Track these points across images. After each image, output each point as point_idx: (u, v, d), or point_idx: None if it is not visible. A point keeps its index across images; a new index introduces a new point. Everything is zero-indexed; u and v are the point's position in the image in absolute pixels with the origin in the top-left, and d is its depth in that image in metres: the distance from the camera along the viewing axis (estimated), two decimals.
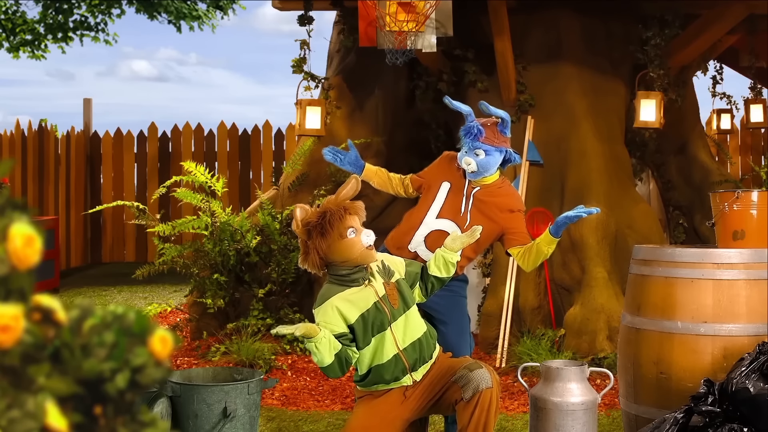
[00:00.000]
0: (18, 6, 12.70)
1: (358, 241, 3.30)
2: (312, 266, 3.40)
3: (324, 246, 3.30)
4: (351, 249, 3.30)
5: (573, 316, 5.98)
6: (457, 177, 3.91)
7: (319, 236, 3.30)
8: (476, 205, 3.83)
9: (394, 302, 3.38)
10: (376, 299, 3.36)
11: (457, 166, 3.92)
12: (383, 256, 3.52)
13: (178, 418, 3.99)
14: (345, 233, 3.29)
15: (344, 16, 7.23)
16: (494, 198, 3.85)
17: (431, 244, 3.75)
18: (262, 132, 11.83)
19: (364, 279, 3.37)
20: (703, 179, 7.55)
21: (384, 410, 3.41)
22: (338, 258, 3.32)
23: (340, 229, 3.28)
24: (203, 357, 6.06)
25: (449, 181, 3.90)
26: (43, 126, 10.88)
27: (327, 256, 3.33)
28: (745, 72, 8.41)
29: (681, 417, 3.35)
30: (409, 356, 3.38)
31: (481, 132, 3.82)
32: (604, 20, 7.06)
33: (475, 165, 3.80)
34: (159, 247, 6.48)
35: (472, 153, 3.80)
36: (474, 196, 3.85)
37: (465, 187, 3.87)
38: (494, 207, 3.84)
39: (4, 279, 1.04)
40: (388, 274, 3.44)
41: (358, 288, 3.36)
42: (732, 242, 4.09)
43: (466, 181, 3.89)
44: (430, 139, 7.20)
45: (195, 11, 12.65)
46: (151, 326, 1.11)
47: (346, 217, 3.31)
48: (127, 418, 1.10)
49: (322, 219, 3.29)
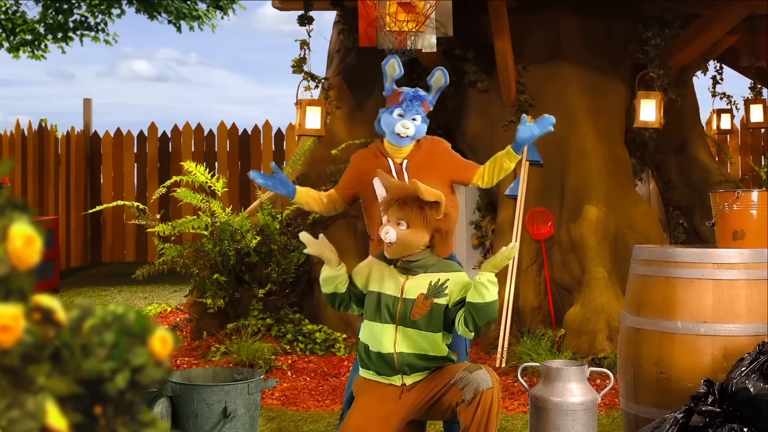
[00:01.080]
0: (18, 6, 12.71)
1: (381, 230, 3.40)
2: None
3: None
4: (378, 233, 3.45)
5: (573, 316, 5.98)
6: (380, 165, 3.88)
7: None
8: (411, 177, 3.83)
9: (416, 315, 3.36)
10: (396, 294, 3.38)
11: (375, 155, 3.94)
12: (458, 281, 3.38)
13: (178, 418, 3.99)
14: (383, 216, 3.42)
15: (344, 16, 7.23)
16: (426, 155, 3.88)
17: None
18: (262, 132, 11.84)
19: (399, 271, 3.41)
20: (703, 179, 7.55)
21: (379, 408, 3.41)
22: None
23: (382, 210, 3.42)
24: (203, 357, 6.06)
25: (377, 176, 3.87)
26: (43, 126, 10.88)
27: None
28: (745, 72, 8.41)
29: (681, 417, 3.35)
30: (402, 361, 3.38)
31: (426, 98, 3.88)
32: (604, 20, 7.06)
33: (413, 129, 3.82)
34: (159, 247, 6.48)
35: (410, 118, 3.82)
36: (406, 169, 3.87)
37: (393, 168, 3.88)
38: (430, 162, 3.87)
39: (4, 279, 1.04)
40: (435, 293, 3.37)
41: (395, 272, 3.42)
42: (732, 242, 4.09)
43: (389, 163, 3.89)
44: None
45: (195, 11, 12.65)
46: (151, 326, 1.11)
47: (391, 207, 3.38)
48: (127, 418, 1.10)
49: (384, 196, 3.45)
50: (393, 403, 3.42)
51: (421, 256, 3.39)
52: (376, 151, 3.98)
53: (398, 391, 3.42)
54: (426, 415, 3.52)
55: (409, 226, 3.33)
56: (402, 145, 3.88)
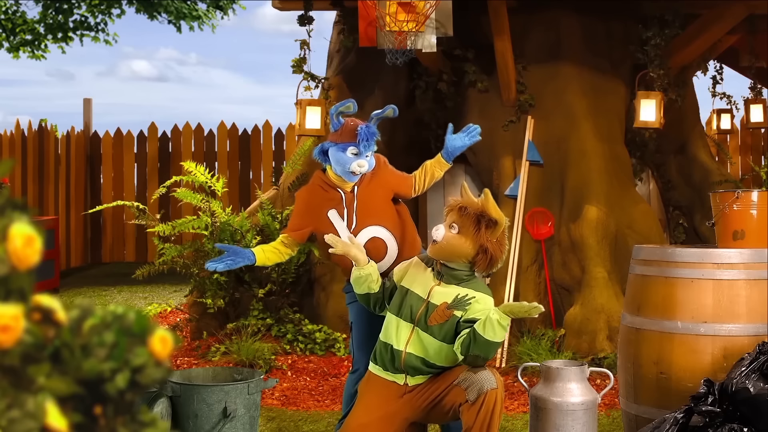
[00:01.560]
0: (18, 6, 12.71)
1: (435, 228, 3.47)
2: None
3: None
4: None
5: (573, 316, 5.98)
6: (330, 198, 3.87)
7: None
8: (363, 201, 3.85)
9: (433, 321, 3.39)
10: (423, 295, 3.43)
11: (323, 188, 3.88)
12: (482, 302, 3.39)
13: (178, 418, 3.99)
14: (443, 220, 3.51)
15: (344, 16, 7.23)
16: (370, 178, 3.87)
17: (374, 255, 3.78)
18: (262, 132, 11.83)
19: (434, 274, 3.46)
20: (703, 179, 7.55)
21: (382, 407, 3.44)
22: None
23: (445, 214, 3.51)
24: (203, 357, 6.06)
25: (331, 208, 3.87)
26: (43, 126, 10.88)
27: None
28: (745, 72, 8.41)
29: (681, 417, 3.35)
30: (408, 360, 3.40)
31: (376, 134, 3.85)
32: (604, 20, 7.06)
33: (367, 166, 3.80)
34: (159, 247, 6.48)
35: (364, 156, 3.79)
36: (357, 196, 3.87)
37: (344, 198, 3.86)
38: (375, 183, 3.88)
39: (4, 279, 1.04)
40: (457, 305, 3.39)
41: (430, 275, 3.48)
42: (732, 242, 4.09)
43: (340, 193, 3.87)
44: (430, 139, 7.20)
45: (195, 11, 12.65)
46: (151, 326, 1.11)
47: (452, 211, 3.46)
48: (127, 418, 1.10)
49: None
50: (395, 403, 3.44)
51: (460, 267, 3.42)
52: (322, 183, 3.90)
53: (401, 390, 3.44)
54: (427, 417, 3.52)
55: (459, 231, 3.37)
56: (353, 181, 3.85)
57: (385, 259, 3.85)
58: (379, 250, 3.84)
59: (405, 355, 3.40)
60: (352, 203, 3.85)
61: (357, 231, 3.83)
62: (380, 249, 3.84)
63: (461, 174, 7.23)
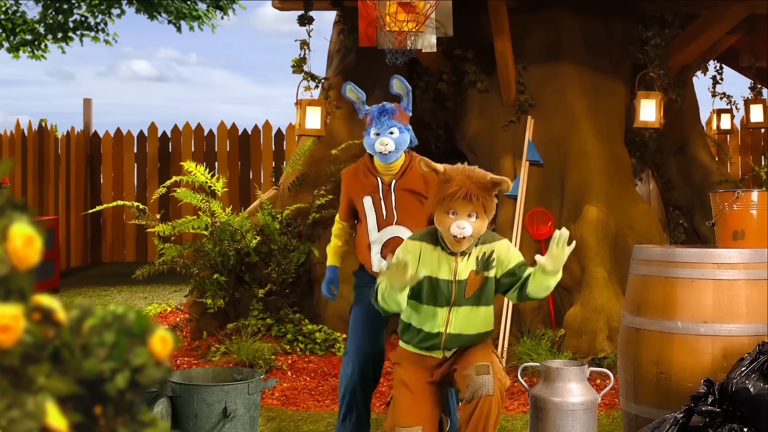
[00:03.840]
0: (18, 6, 12.71)
1: (450, 224, 3.32)
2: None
3: (430, 204, 3.42)
4: (441, 225, 3.36)
5: (573, 316, 5.98)
6: (368, 185, 3.92)
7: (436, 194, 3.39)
8: (400, 198, 3.86)
9: (469, 292, 3.43)
10: (450, 278, 3.41)
11: (365, 173, 3.93)
12: (502, 249, 3.46)
13: (178, 418, 3.99)
14: (447, 210, 3.34)
15: (344, 16, 7.23)
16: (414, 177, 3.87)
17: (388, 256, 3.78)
18: (262, 132, 11.83)
19: (453, 253, 3.41)
20: (703, 179, 7.55)
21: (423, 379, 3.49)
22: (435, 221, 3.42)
23: (445, 204, 3.34)
24: (203, 357, 6.06)
25: (367, 194, 3.91)
26: (43, 126, 10.88)
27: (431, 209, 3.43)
28: (745, 72, 8.41)
29: (681, 417, 3.35)
30: (449, 341, 3.45)
31: (395, 110, 3.86)
32: (604, 20, 7.06)
33: (392, 144, 3.80)
34: (159, 247, 6.48)
35: (387, 133, 3.81)
36: (394, 190, 3.88)
37: (381, 188, 3.88)
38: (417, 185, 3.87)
39: (4, 279, 1.04)
40: (485, 266, 3.45)
41: (443, 254, 3.42)
42: (732, 242, 4.09)
43: (378, 182, 3.89)
44: (430, 139, 7.20)
45: (195, 11, 12.65)
46: (151, 326, 1.11)
47: (457, 200, 3.32)
48: (127, 418, 1.10)
49: (444, 183, 3.36)
50: (436, 372, 3.50)
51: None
52: (365, 168, 3.96)
53: (439, 361, 3.50)
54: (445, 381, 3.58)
55: (477, 217, 3.35)
56: (389, 161, 3.86)
57: None
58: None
59: (446, 336, 3.45)
60: (389, 195, 3.87)
61: (385, 225, 3.86)
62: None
63: None
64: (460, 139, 7.02)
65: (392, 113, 3.84)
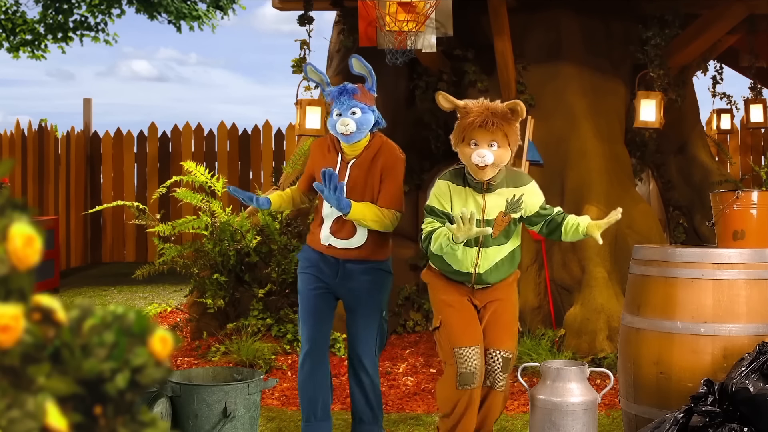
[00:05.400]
0: (18, 6, 12.71)
1: (471, 155, 3.46)
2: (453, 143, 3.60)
3: (454, 141, 3.56)
4: (464, 157, 3.51)
5: (573, 316, 5.98)
6: (329, 159, 3.93)
7: (456, 129, 3.54)
8: (353, 176, 3.86)
9: (496, 231, 3.58)
10: (479, 217, 3.54)
11: (329, 148, 3.95)
12: (530, 193, 3.64)
13: (178, 418, 3.99)
14: (469, 141, 3.48)
15: (344, 16, 7.23)
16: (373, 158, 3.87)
17: (336, 232, 3.86)
18: (262, 132, 11.83)
19: (480, 190, 3.54)
20: (703, 179, 7.55)
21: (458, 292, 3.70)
22: (459, 157, 3.56)
23: (467, 135, 3.48)
24: (203, 357, 6.05)
25: (326, 167, 3.88)
26: (43, 126, 10.88)
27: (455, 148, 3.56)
28: (745, 72, 8.41)
29: (681, 417, 3.35)
30: (479, 279, 3.64)
31: (356, 90, 3.83)
32: (604, 20, 7.06)
33: (353, 124, 3.79)
34: (159, 247, 6.48)
35: (348, 113, 3.79)
36: (350, 167, 3.88)
37: (338, 165, 3.88)
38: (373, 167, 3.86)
39: (4, 279, 1.04)
40: (512, 208, 3.60)
41: (471, 192, 3.56)
42: (732, 242, 4.09)
43: (338, 158, 3.89)
44: (430, 139, 7.20)
45: (195, 11, 12.65)
46: (151, 326, 1.11)
47: (477, 129, 3.45)
48: (127, 418, 1.10)
49: (464, 117, 3.51)
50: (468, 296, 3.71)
51: (500, 173, 3.57)
52: (330, 144, 3.98)
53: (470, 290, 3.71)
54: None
55: (499, 146, 3.46)
56: (351, 142, 3.86)
57: (351, 239, 3.89)
58: (348, 230, 3.87)
59: (475, 276, 3.63)
60: (344, 173, 3.87)
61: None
62: (349, 229, 3.87)
63: None
64: None
65: (353, 93, 3.81)
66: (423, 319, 6.99)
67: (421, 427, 4.73)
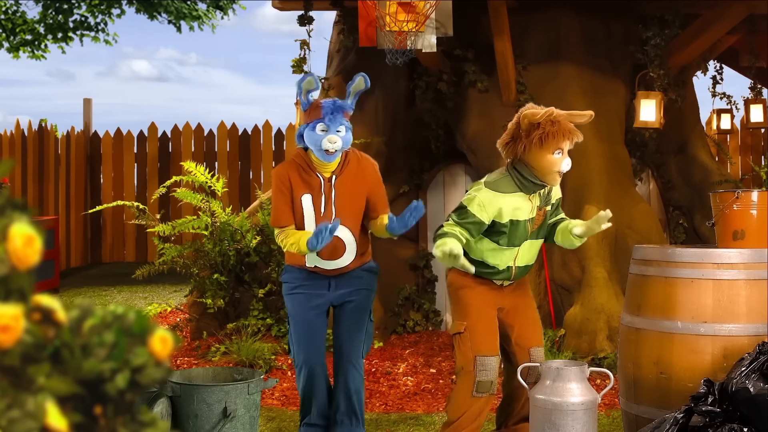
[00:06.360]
0: (18, 6, 12.71)
1: (558, 163, 3.59)
2: (507, 153, 3.67)
3: (533, 149, 3.57)
4: (550, 166, 3.59)
5: (573, 316, 5.98)
6: (309, 182, 3.78)
7: (537, 139, 3.55)
8: (339, 195, 3.77)
9: (535, 226, 3.76)
10: (528, 217, 3.70)
11: (304, 169, 3.77)
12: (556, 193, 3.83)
13: (178, 418, 3.99)
14: (554, 151, 3.57)
15: (344, 16, 7.23)
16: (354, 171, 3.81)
17: (326, 254, 3.78)
18: (262, 132, 11.83)
19: (530, 192, 3.68)
20: (703, 179, 7.54)
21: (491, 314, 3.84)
22: (534, 164, 3.60)
23: (554, 144, 3.56)
24: (203, 357, 6.06)
25: (307, 192, 3.78)
26: (43, 126, 10.88)
27: (526, 156, 3.59)
28: (745, 72, 8.41)
29: (681, 417, 3.35)
30: (517, 273, 3.82)
31: (346, 107, 3.76)
32: (604, 20, 7.06)
33: (340, 143, 3.69)
34: (159, 247, 6.48)
35: (335, 131, 3.69)
36: (334, 185, 3.79)
37: (322, 185, 3.78)
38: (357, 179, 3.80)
39: (4, 279, 1.04)
40: (546, 201, 3.77)
41: (522, 196, 3.68)
42: (732, 242, 4.09)
43: (319, 178, 3.78)
44: (430, 139, 7.20)
45: (195, 11, 12.65)
46: (151, 326, 1.11)
47: (565, 138, 3.57)
48: (127, 418, 1.10)
49: (549, 126, 3.56)
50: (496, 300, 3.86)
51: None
52: (302, 162, 3.80)
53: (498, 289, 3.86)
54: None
55: (563, 152, 3.64)
56: (332, 160, 3.75)
57: (338, 260, 3.81)
58: (338, 250, 3.78)
59: (515, 269, 3.80)
60: (330, 192, 3.77)
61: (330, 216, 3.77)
62: (339, 249, 3.78)
63: (461, 174, 7.23)
64: (460, 139, 7.01)
65: (344, 110, 3.74)
66: (423, 319, 6.99)
67: (421, 427, 4.73)
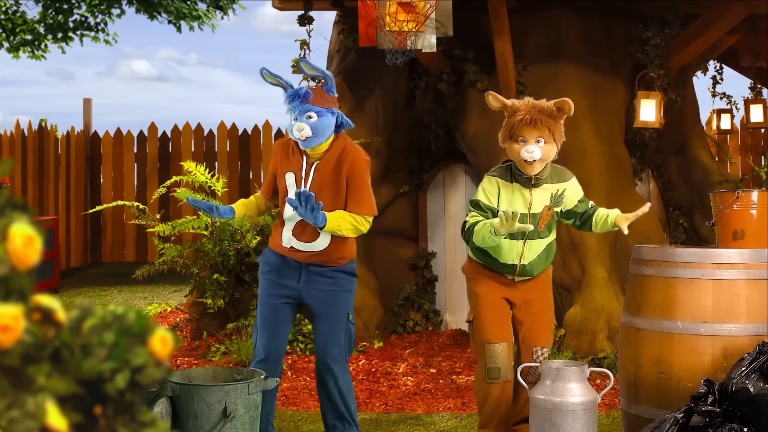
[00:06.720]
0: (18, 6, 12.71)
1: (519, 151, 3.69)
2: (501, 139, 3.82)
3: (503, 139, 3.80)
4: (515, 155, 3.73)
5: (573, 316, 5.98)
6: (294, 161, 3.84)
7: (503, 128, 3.78)
8: (317, 179, 3.77)
9: (541, 225, 3.80)
10: (525, 211, 3.74)
11: (293, 149, 3.85)
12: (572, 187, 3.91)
13: (178, 418, 3.99)
14: (518, 139, 3.71)
15: (344, 16, 7.22)
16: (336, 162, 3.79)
17: (299, 235, 3.79)
18: (262, 132, 11.83)
19: (527, 185, 3.75)
20: (703, 179, 7.54)
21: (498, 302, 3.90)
22: (508, 153, 3.78)
23: (514, 132, 3.71)
24: (203, 357, 6.06)
25: (291, 171, 3.83)
26: (43, 126, 10.88)
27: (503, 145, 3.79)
28: (745, 72, 8.40)
29: (681, 417, 3.35)
30: (523, 271, 3.84)
31: (309, 93, 3.72)
32: (604, 20, 7.06)
33: (308, 129, 3.69)
34: (159, 247, 6.48)
35: (303, 117, 3.69)
36: (314, 170, 3.79)
37: (303, 168, 3.80)
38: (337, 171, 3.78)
39: (4, 279, 1.04)
40: (556, 202, 3.83)
41: (518, 188, 3.77)
42: (732, 242, 4.09)
43: (302, 160, 3.81)
44: (430, 139, 7.20)
45: (195, 11, 12.65)
46: (151, 326, 1.11)
47: (525, 126, 3.68)
48: (127, 418, 1.10)
49: (511, 116, 3.75)
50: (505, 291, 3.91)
51: (546, 169, 3.81)
52: (294, 145, 3.88)
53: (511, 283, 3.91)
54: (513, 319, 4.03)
55: (546, 142, 3.71)
56: (310, 147, 3.76)
57: (314, 243, 3.81)
58: (311, 233, 3.79)
59: (520, 267, 3.83)
60: (309, 175, 3.80)
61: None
62: (312, 232, 3.78)
63: (461, 174, 7.23)
64: (460, 139, 7.01)
65: (306, 97, 3.70)
66: (423, 319, 6.99)
67: (421, 427, 4.72)
